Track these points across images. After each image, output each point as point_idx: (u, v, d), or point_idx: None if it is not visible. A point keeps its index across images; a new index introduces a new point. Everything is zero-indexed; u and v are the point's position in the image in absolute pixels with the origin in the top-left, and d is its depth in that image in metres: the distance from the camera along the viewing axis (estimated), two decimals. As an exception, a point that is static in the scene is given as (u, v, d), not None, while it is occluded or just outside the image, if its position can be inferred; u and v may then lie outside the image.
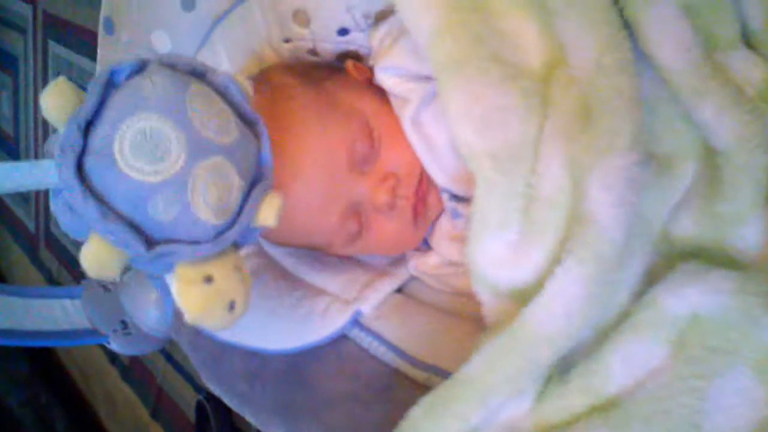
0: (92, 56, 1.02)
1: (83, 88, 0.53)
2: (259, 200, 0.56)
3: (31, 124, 2.14)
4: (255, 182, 0.57)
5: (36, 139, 2.14)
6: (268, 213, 0.56)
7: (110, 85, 0.54)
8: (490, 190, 0.60)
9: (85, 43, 1.72)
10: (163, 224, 0.52)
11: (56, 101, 0.52)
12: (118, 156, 0.50)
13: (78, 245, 0.53)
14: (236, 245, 0.58)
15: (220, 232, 0.54)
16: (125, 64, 0.55)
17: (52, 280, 2.10)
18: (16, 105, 2.22)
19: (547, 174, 0.59)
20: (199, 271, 0.53)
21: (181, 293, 0.53)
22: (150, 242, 0.52)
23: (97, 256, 0.51)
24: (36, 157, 2.18)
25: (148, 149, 0.50)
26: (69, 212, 0.52)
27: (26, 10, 2.02)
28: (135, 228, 0.51)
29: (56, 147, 0.51)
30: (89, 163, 0.51)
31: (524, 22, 0.63)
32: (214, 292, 0.53)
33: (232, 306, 0.55)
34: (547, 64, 0.62)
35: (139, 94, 0.52)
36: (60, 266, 2.06)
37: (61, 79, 0.53)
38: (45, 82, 1.97)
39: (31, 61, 2.04)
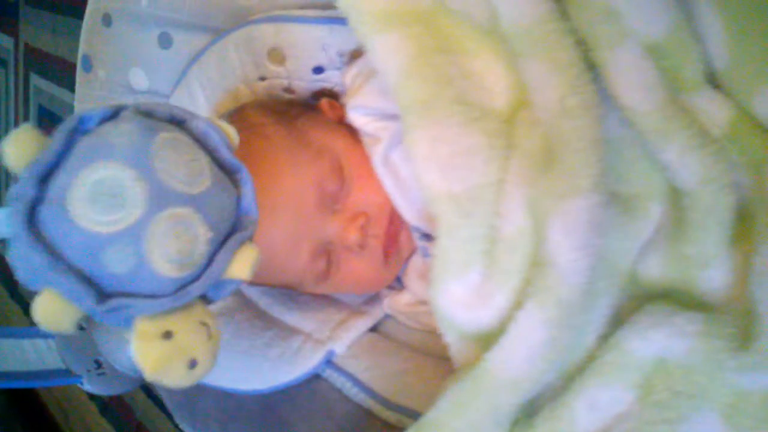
0: (73, 88, 1.02)
1: (60, 121, 0.52)
2: (232, 252, 0.53)
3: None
4: (232, 232, 0.55)
5: (8, 176, 2.13)
6: (241, 266, 0.53)
7: (77, 131, 0.52)
8: (452, 232, 0.60)
9: (66, 75, 1.72)
10: (118, 277, 0.49)
11: (17, 149, 0.50)
12: (71, 205, 0.48)
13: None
14: (206, 299, 0.55)
15: (182, 286, 0.51)
16: (97, 111, 0.53)
17: (30, 315, 2.08)
18: (-4, 137, 2.21)
19: (509, 216, 0.59)
20: (158, 326, 0.51)
21: (137, 348, 0.51)
22: (104, 295, 0.50)
23: (49, 310, 0.49)
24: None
25: (104, 199, 0.48)
26: (24, 262, 0.50)
27: (8, 42, 2.02)
28: (87, 280, 0.49)
29: (9, 196, 0.49)
30: (43, 212, 0.49)
31: (492, 64, 0.63)
32: (173, 349, 0.51)
33: (193, 364, 0.52)
34: (513, 105, 0.62)
35: (104, 142, 0.50)
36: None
37: (26, 126, 0.51)
38: (26, 115, 1.97)
39: (12, 94, 2.04)
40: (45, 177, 0.50)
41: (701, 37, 0.58)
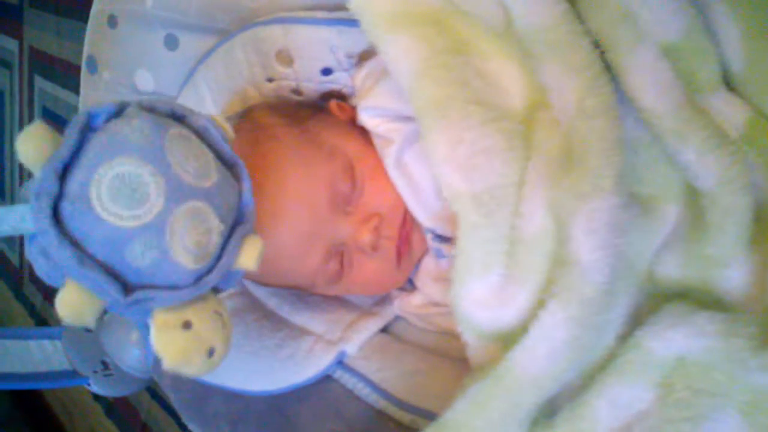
0: (77, 90, 1.02)
1: (65, 123, 0.53)
2: (239, 243, 0.55)
3: (16, 159, 2.13)
4: (235, 225, 0.56)
5: (21, 174, 2.14)
6: (248, 256, 0.55)
7: (88, 128, 0.53)
8: (473, 232, 0.60)
9: (71, 77, 1.72)
10: (141, 270, 0.51)
11: (32, 146, 0.50)
12: (95, 201, 0.49)
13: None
14: (216, 289, 0.56)
15: (199, 277, 0.53)
16: (103, 108, 0.54)
17: (35, 315, 2.08)
18: (1, 139, 2.21)
19: (531, 216, 0.59)
20: (177, 317, 0.52)
21: (158, 339, 0.52)
22: (127, 288, 0.51)
23: (73, 303, 0.50)
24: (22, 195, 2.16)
25: (126, 194, 0.49)
26: (44, 258, 0.51)
27: (12, 45, 2.02)
28: (112, 274, 0.50)
29: (31, 192, 0.50)
30: (65, 208, 0.50)
31: (506, 65, 0.64)
32: (193, 339, 0.52)
33: (211, 352, 0.53)
34: (530, 106, 0.62)
35: (118, 138, 0.51)
36: (44, 301, 2.04)
37: (38, 122, 0.52)
38: (31, 116, 1.98)
39: (17, 96, 2.04)
40: (63, 173, 0.50)
41: (717, 39, 0.59)
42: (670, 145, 0.58)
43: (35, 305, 2.10)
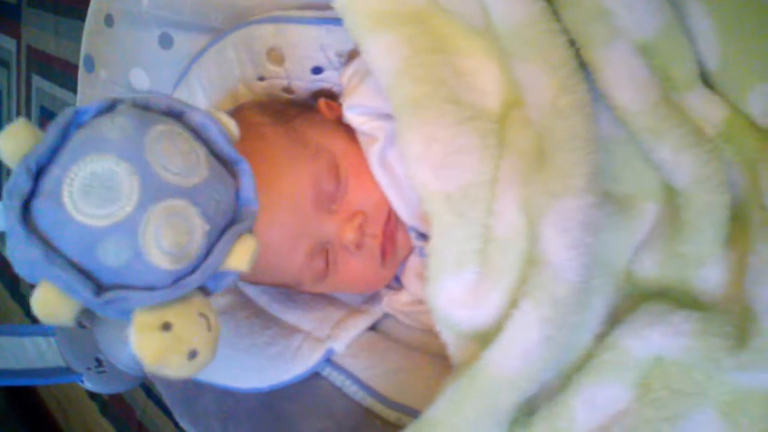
0: (75, 89, 1.03)
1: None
2: (230, 244, 0.53)
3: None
4: (230, 224, 0.55)
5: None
6: (239, 258, 0.53)
7: (73, 125, 0.52)
8: (446, 231, 0.60)
9: (69, 76, 1.72)
10: (114, 270, 0.50)
11: (11, 143, 0.50)
12: (66, 198, 0.48)
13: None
14: (204, 290, 0.55)
15: (179, 278, 0.52)
16: (93, 104, 0.53)
17: (31, 314, 2.08)
18: (-2, 138, 2.21)
19: (503, 215, 0.59)
20: (156, 318, 0.51)
21: (136, 340, 0.51)
22: (101, 288, 0.50)
23: (47, 303, 0.49)
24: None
25: (99, 192, 0.48)
26: (18, 255, 0.50)
27: (10, 44, 2.03)
28: (84, 273, 0.49)
29: (4, 189, 0.49)
30: (37, 205, 0.49)
31: (485, 64, 0.64)
32: (172, 340, 0.51)
33: (192, 354, 0.52)
34: (505, 104, 0.62)
35: (98, 135, 0.50)
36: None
37: (20, 120, 0.51)
38: (29, 115, 1.98)
39: (14, 95, 2.04)
40: (40, 170, 0.50)
41: (693, 36, 0.58)
42: (645, 143, 0.58)
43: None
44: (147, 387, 1.58)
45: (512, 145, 0.60)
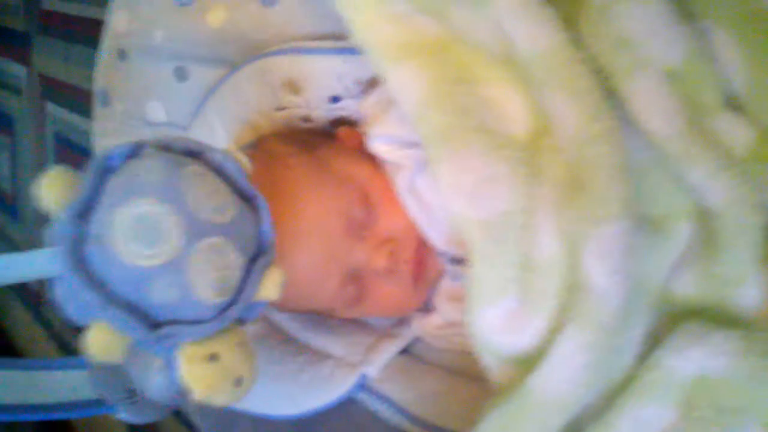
0: (88, 115, 1.04)
1: (79, 149, 0.54)
2: (260, 275, 0.57)
3: (30, 184, 2.14)
4: (256, 257, 0.57)
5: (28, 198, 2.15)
6: (270, 287, 0.57)
7: (106, 170, 0.54)
8: (485, 259, 0.61)
9: (81, 102, 1.73)
10: (165, 306, 0.52)
11: (52, 191, 0.53)
12: (115, 242, 0.51)
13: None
14: (240, 321, 0.58)
15: (222, 310, 0.55)
16: (119, 149, 0.56)
17: (55, 337, 2.09)
18: (14, 165, 2.23)
19: (541, 243, 0.60)
20: (203, 350, 0.54)
21: (186, 372, 0.54)
22: (153, 324, 0.53)
23: (102, 342, 0.52)
24: (34, 219, 2.18)
25: (145, 234, 0.51)
26: (70, 300, 0.53)
27: (21, 71, 2.04)
28: (136, 312, 0.52)
29: (54, 236, 0.51)
30: (88, 250, 0.51)
31: (509, 92, 0.64)
32: (220, 370, 0.54)
33: (238, 382, 0.55)
34: (534, 132, 0.63)
35: (135, 180, 0.53)
36: (63, 322, 2.05)
37: (56, 168, 0.54)
38: (42, 142, 1.99)
39: (28, 122, 2.06)
40: (82, 215, 0.52)
41: (719, 62, 0.59)
42: (676, 167, 0.59)
43: (54, 327, 2.11)
44: (176, 412, 1.58)
45: (544, 173, 0.61)
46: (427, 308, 0.82)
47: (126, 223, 0.51)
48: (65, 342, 2.05)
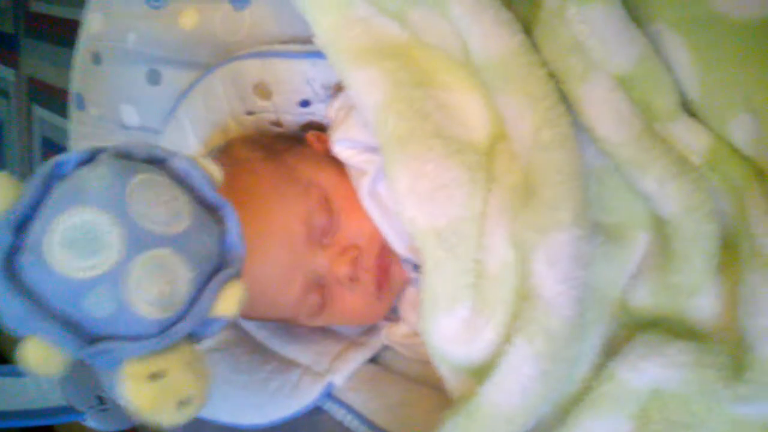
0: (73, 120, 1.03)
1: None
2: (217, 290, 0.53)
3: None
4: (217, 269, 0.55)
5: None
6: (227, 303, 0.53)
7: (54, 177, 0.52)
8: (438, 266, 0.60)
9: (68, 105, 1.73)
10: (101, 321, 0.50)
11: None
12: (48, 252, 0.48)
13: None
14: (194, 337, 0.55)
15: (167, 327, 0.52)
16: (73, 155, 0.54)
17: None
18: (1, 168, 2.23)
19: (493, 250, 0.59)
20: (146, 367, 0.51)
21: (127, 390, 0.51)
22: (89, 339, 0.50)
23: (36, 355, 0.49)
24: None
25: (81, 245, 0.48)
26: (3, 310, 0.50)
27: (8, 74, 2.04)
28: (70, 325, 0.49)
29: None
30: (21, 260, 0.49)
31: (468, 97, 0.63)
32: (163, 389, 0.51)
33: (184, 402, 0.52)
34: (491, 137, 0.62)
35: (78, 187, 0.51)
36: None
37: (1, 174, 0.52)
38: (30, 145, 1.99)
39: (15, 125, 2.06)
40: (22, 224, 0.50)
41: (671, 66, 0.58)
42: (630, 175, 0.57)
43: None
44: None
45: (499, 179, 0.60)
46: (394, 317, 0.81)
47: (63, 232, 0.49)
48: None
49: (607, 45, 0.57)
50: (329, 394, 0.77)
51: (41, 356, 0.49)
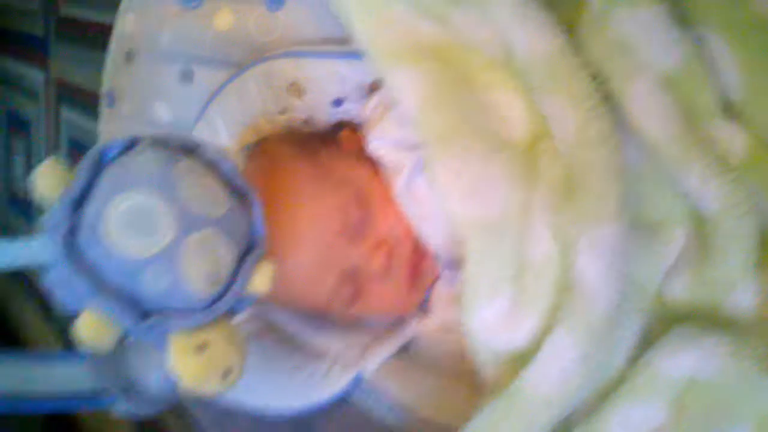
0: (103, 120, 1.06)
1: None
2: (251, 268, 0.58)
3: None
4: (248, 251, 0.59)
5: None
6: (260, 281, 0.58)
7: (101, 162, 0.56)
8: (480, 259, 0.62)
9: (96, 107, 1.75)
10: (155, 296, 0.53)
11: (46, 181, 0.54)
12: (107, 232, 0.52)
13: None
14: (230, 313, 0.59)
15: (212, 302, 0.56)
16: (116, 143, 0.57)
17: (64, 336, 2.11)
18: (29, 168, 2.26)
19: (536, 243, 0.60)
20: (193, 340, 0.55)
21: (175, 362, 0.55)
22: (143, 314, 0.53)
23: (92, 329, 0.53)
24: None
25: (138, 225, 0.52)
26: (62, 286, 0.53)
27: (39, 76, 2.07)
28: (127, 301, 0.53)
29: (47, 225, 0.53)
30: (80, 239, 0.52)
31: (509, 96, 0.65)
32: (208, 361, 0.55)
33: (226, 373, 0.56)
34: (532, 135, 0.64)
35: (129, 172, 0.54)
36: (73, 323, 2.06)
37: (52, 159, 0.55)
38: (57, 146, 2.01)
39: (43, 126, 2.09)
40: (76, 206, 0.53)
41: (715, 68, 0.59)
42: (672, 172, 0.59)
43: (64, 328, 2.13)
44: (178, 410, 1.59)
45: (542, 176, 0.62)
46: (424, 310, 0.82)
47: (119, 213, 0.52)
48: (73, 342, 2.06)
49: (653, 46, 0.59)
50: (357, 384, 0.78)
51: (97, 330, 0.53)
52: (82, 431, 2.07)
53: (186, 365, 0.55)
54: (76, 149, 1.90)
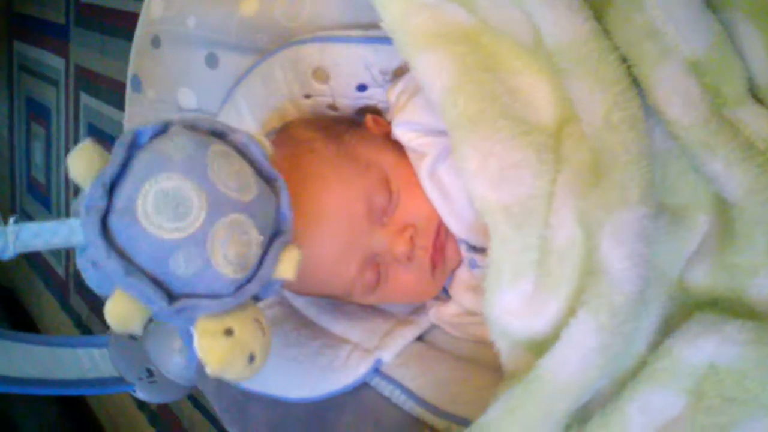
0: (121, 106, 1.06)
1: (111, 140, 0.56)
2: (278, 254, 0.58)
3: (63, 173, 2.19)
4: (274, 236, 0.59)
5: (67, 188, 2.19)
6: (287, 266, 0.58)
7: (134, 146, 0.56)
8: (505, 243, 0.62)
9: (115, 94, 1.77)
10: (185, 279, 0.53)
11: (82, 163, 0.54)
12: (140, 214, 0.52)
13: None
14: (256, 298, 0.59)
15: (240, 286, 0.56)
16: (148, 126, 0.57)
17: (81, 326, 2.13)
18: (48, 155, 2.28)
19: (560, 227, 0.60)
20: (219, 324, 0.55)
21: (202, 346, 0.55)
22: (172, 297, 0.54)
23: (121, 311, 0.53)
24: (66, 204, 2.22)
25: (170, 208, 0.52)
26: (94, 269, 0.54)
27: (59, 63, 2.09)
28: (157, 283, 0.53)
29: (81, 206, 0.53)
30: (113, 221, 0.53)
31: (536, 80, 0.65)
32: (235, 345, 0.55)
33: (252, 358, 0.56)
34: (559, 120, 0.64)
35: (162, 155, 0.54)
36: (90, 312, 2.09)
37: (87, 141, 0.55)
38: (76, 132, 2.03)
39: (63, 112, 2.10)
40: (110, 188, 0.53)
41: (743, 53, 0.59)
42: (697, 157, 0.59)
43: (81, 316, 2.15)
44: (194, 398, 1.61)
45: (568, 160, 0.62)
46: (444, 296, 0.82)
47: (152, 196, 0.52)
48: (90, 330, 2.08)
49: (681, 30, 0.58)
50: (377, 370, 0.79)
51: (127, 312, 0.53)
52: (97, 419, 2.09)
53: (213, 349, 0.55)
54: (95, 135, 1.91)
